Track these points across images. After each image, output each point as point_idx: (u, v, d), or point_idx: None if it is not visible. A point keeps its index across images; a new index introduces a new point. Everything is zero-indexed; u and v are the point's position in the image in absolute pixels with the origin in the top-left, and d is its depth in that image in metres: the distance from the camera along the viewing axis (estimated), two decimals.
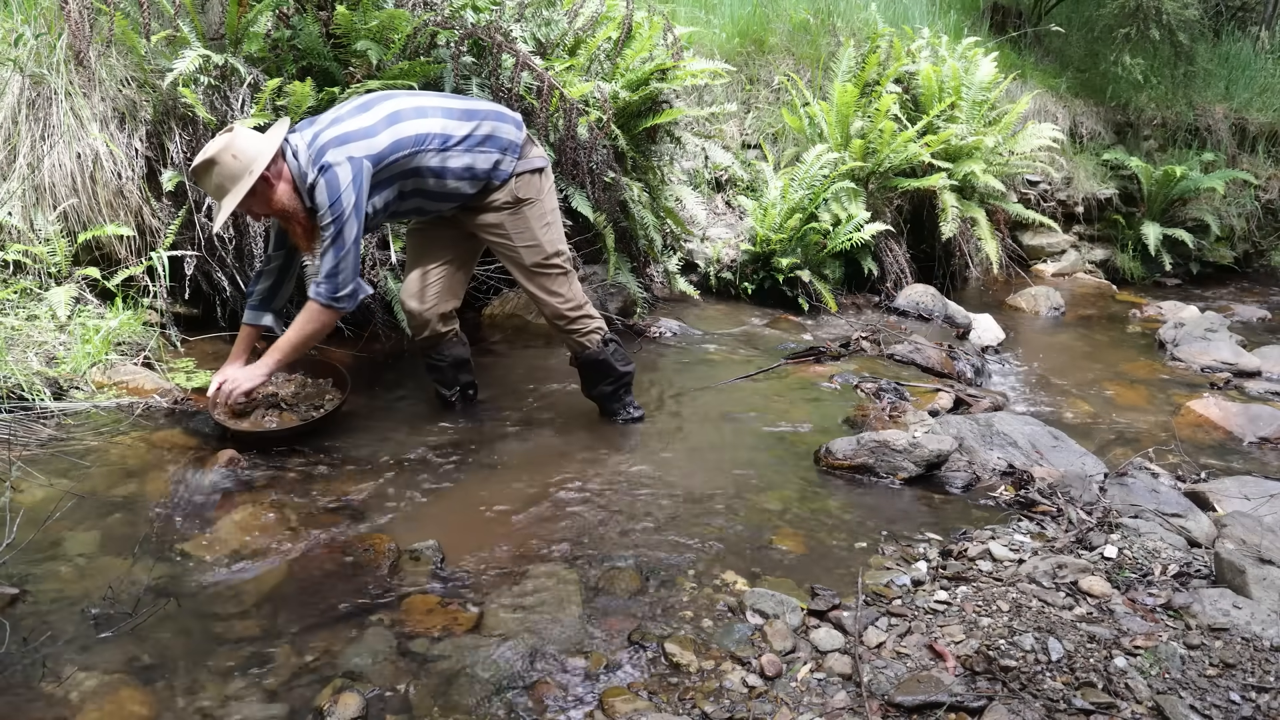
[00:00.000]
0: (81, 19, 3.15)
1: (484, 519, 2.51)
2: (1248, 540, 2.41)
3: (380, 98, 2.71)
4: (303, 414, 2.87)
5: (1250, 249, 8.09)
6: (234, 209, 2.54)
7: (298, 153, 2.56)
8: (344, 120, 2.61)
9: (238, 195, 2.49)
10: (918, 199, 5.87)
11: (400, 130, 2.63)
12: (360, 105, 2.67)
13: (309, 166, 2.54)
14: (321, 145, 2.55)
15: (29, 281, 3.09)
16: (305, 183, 2.56)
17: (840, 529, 2.58)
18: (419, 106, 2.70)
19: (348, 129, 2.58)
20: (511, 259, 2.92)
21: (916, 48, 6.16)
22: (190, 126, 3.34)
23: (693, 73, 4.23)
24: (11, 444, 2.49)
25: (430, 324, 3.01)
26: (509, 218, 2.84)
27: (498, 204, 2.82)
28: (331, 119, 2.63)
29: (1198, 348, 5.03)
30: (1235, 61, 8.45)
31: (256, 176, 2.49)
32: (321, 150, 2.54)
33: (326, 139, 2.56)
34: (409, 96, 2.75)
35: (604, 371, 3.12)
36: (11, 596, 1.92)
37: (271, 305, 2.83)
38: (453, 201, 2.81)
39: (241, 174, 2.49)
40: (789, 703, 1.83)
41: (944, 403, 3.71)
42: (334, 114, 2.66)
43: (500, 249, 2.91)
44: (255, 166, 2.50)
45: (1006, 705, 1.80)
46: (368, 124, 2.60)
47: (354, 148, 2.55)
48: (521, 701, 1.78)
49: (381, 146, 2.59)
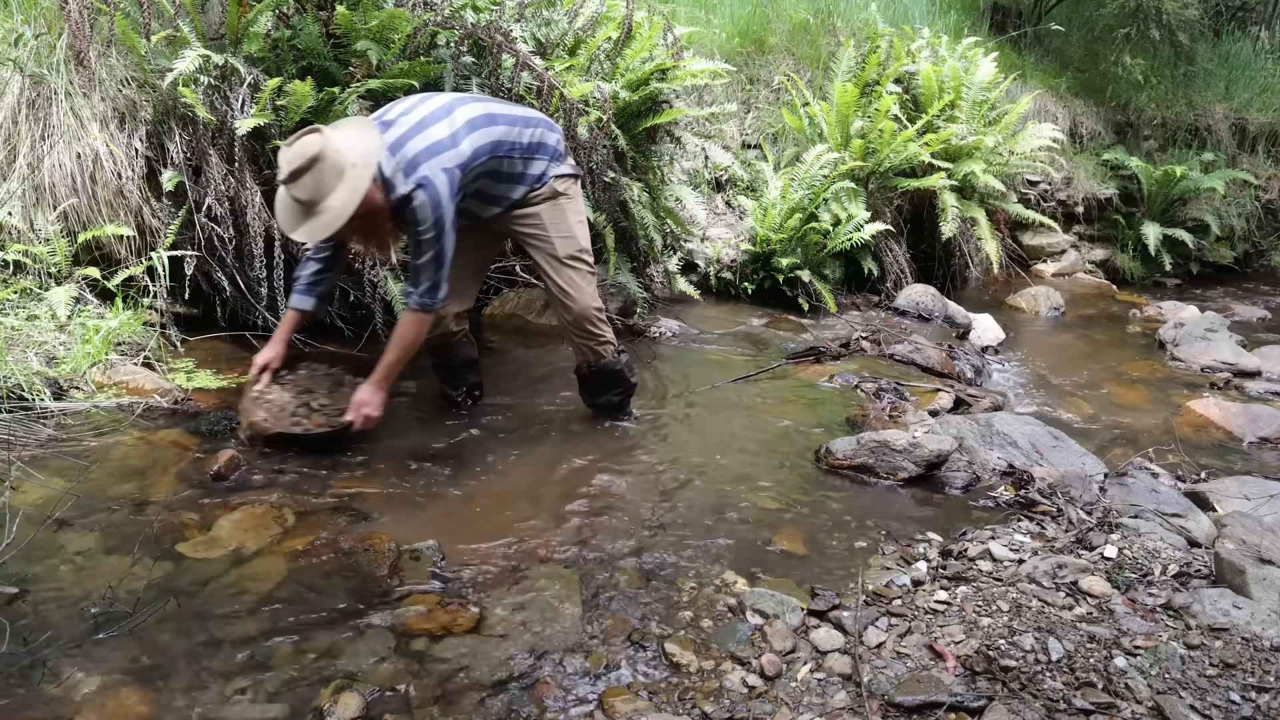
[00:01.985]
0: (81, 19, 3.15)
1: (484, 519, 2.51)
2: (1248, 540, 2.41)
3: (454, 101, 2.69)
4: (332, 418, 2.81)
5: (1250, 249, 8.09)
6: (352, 213, 2.43)
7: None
8: (427, 127, 2.57)
9: (355, 194, 2.40)
10: (918, 199, 5.87)
11: (479, 138, 2.64)
12: (436, 110, 2.63)
13: (396, 175, 2.50)
14: (413, 156, 2.51)
15: (29, 281, 3.09)
16: (394, 192, 2.51)
17: (840, 529, 2.58)
18: (489, 113, 2.72)
19: (435, 138, 2.55)
20: (545, 250, 2.90)
21: (916, 48, 6.16)
22: (190, 126, 3.34)
23: (693, 73, 4.23)
24: (11, 444, 2.49)
25: (443, 323, 3.02)
26: (546, 208, 2.87)
27: (538, 199, 2.85)
28: (413, 124, 2.57)
29: (1198, 348, 5.03)
30: (1235, 61, 8.45)
31: (372, 171, 2.41)
32: (414, 162, 2.51)
33: (416, 149, 2.52)
34: (476, 102, 2.75)
35: (615, 382, 3.12)
36: (11, 596, 1.92)
37: (318, 291, 2.80)
38: (499, 206, 2.83)
39: (345, 168, 2.39)
40: (789, 703, 1.83)
41: (944, 403, 3.71)
42: (411, 119, 2.59)
43: (534, 240, 2.90)
44: (368, 161, 2.41)
45: (1006, 705, 1.80)
46: (450, 131, 2.59)
47: (445, 158, 2.54)
48: (521, 701, 1.78)
49: (466, 155, 2.60)
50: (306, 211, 2.46)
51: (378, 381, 2.73)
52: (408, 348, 2.73)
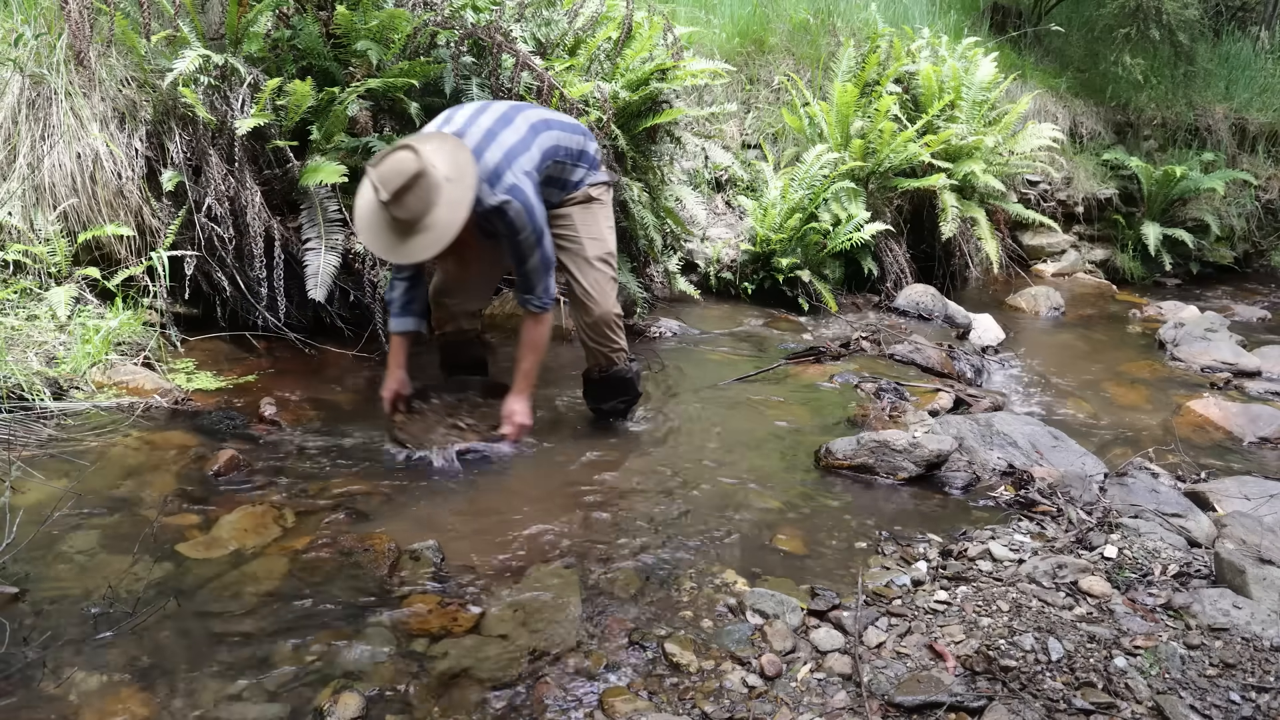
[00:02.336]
0: (81, 19, 3.15)
1: (484, 519, 2.51)
2: (1248, 540, 2.41)
3: (512, 109, 2.72)
4: (484, 433, 2.85)
5: (1250, 249, 8.09)
6: (460, 227, 2.42)
7: None
8: (498, 134, 2.59)
9: (461, 207, 2.40)
10: (918, 199, 5.87)
11: (543, 142, 2.69)
12: (500, 118, 2.65)
13: (481, 187, 2.50)
14: (494, 166, 2.52)
15: (29, 281, 3.09)
16: (482, 204, 2.51)
17: (840, 529, 2.58)
18: (545, 119, 2.77)
19: (508, 144, 2.58)
20: (574, 251, 2.91)
21: (916, 48, 6.16)
22: (190, 126, 3.34)
23: (693, 73, 4.23)
24: (11, 444, 2.49)
25: (457, 319, 3.03)
26: (579, 210, 2.89)
27: (572, 202, 2.88)
28: (484, 134, 2.57)
29: (1198, 348, 5.03)
30: (1235, 61, 8.45)
31: (474, 184, 2.41)
32: (496, 172, 2.52)
33: (495, 159, 2.53)
34: (531, 109, 2.79)
35: (623, 390, 3.14)
36: (11, 596, 1.92)
37: (414, 309, 2.82)
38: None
39: (441, 183, 2.38)
40: (789, 703, 1.83)
41: (944, 403, 3.71)
42: (479, 128, 2.59)
43: (563, 241, 2.90)
44: (464, 174, 2.40)
45: (1006, 705, 1.80)
46: (519, 136, 2.62)
47: (522, 162, 2.58)
48: (521, 701, 1.78)
49: (536, 159, 2.64)
50: (406, 231, 2.42)
51: (522, 390, 2.80)
52: (541, 350, 2.81)
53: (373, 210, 2.46)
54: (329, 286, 3.35)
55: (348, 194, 3.48)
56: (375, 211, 2.45)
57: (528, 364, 2.79)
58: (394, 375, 2.83)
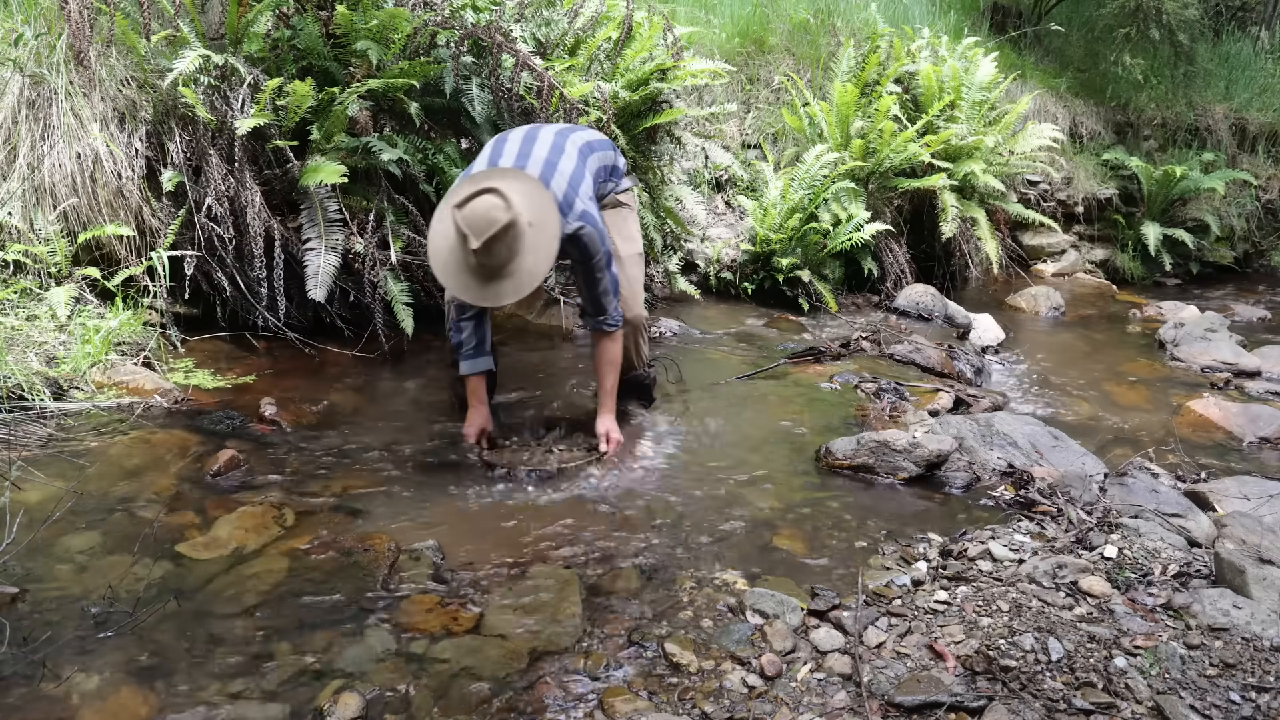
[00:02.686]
0: (81, 19, 3.15)
1: (484, 519, 2.51)
2: (1248, 540, 2.41)
3: (557, 134, 2.75)
4: (584, 449, 2.88)
5: (1250, 249, 8.09)
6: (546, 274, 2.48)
7: None
8: (556, 164, 2.62)
9: (548, 255, 2.43)
10: (918, 199, 5.87)
11: (591, 165, 2.78)
12: (553, 146, 2.68)
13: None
14: (563, 197, 2.56)
15: (29, 281, 3.09)
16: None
17: (840, 529, 2.58)
18: (588, 142, 2.84)
19: (568, 172, 2.62)
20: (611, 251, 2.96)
21: (916, 48, 6.16)
22: (190, 126, 3.34)
23: (693, 73, 4.23)
24: (11, 444, 2.49)
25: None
26: (609, 214, 2.95)
27: (603, 207, 2.93)
28: (544, 164, 2.60)
29: (1198, 348, 5.02)
30: (1235, 61, 8.45)
31: (557, 232, 2.44)
32: (566, 201, 2.56)
33: (561, 188, 2.57)
34: (574, 131, 2.84)
35: (641, 396, 3.21)
36: (11, 596, 1.92)
37: (486, 348, 2.84)
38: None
39: (525, 228, 2.40)
40: (789, 703, 1.83)
41: (944, 403, 3.71)
42: (538, 159, 2.61)
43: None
44: (545, 221, 2.43)
45: (1006, 705, 1.80)
46: (574, 163, 2.68)
47: (584, 188, 2.64)
48: (521, 701, 1.78)
49: (591, 185, 2.70)
50: (490, 276, 2.44)
51: (610, 409, 2.88)
52: (619, 366, 2.89)
53: (454, 252, 2.45)
54: (329, 286, 3.35)
55: (348, 194, 3.49)
56: (457, 254, 2.45)
57: (610, 382, 2.86)
58: (480, 413, 2.84)
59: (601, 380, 2.88)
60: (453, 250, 2.45)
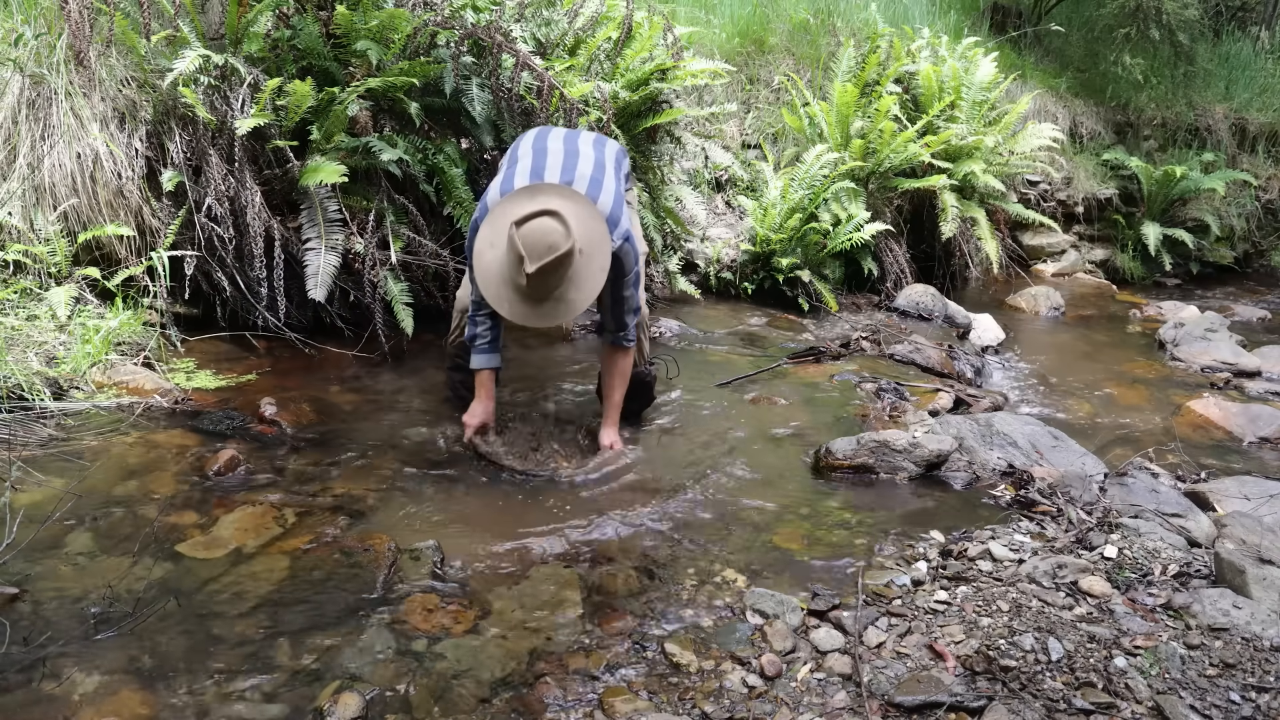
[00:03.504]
0: (81, 19, 3.15)
1: (484, 519, 2.51)
2: (1248, 540, 2.41)
3: (594, 147, 2.76)
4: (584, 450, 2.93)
5: (1250, 249, 8.09)
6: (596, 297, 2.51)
7: None
8: (601, 181, 2.63)
9: (596, 284, 2.46)
10: (918, 199, 5.87)
11: (621, 176, 2.80)
12: (596, 161, 2.69)
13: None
14: (609, 213, 2.57)
15: (29, 281, 3.09)
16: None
17: (840, 529, 2.58)
18: (615, 153, 2.85)
19: (611, 188, 2.64)
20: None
21: (916, 48, 6.16)
22: (190, 126, 3.34)
23: (693, 73, 4.23)
24: (11, 444, 2.49)
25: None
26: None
27: None
28: (590, 181, 2.60)
29: (1198, 348, 5.02)
30: (1235, 61, 8.44)
31: (608, 265, 2.47)
32: (613, 218, 2.57)
33: (608, 205, 2.58)
34: (605, 144, 2.85)
35: (642, 395, 3.19)
36: (11, 596, 1.93)
37: (499, 345, 2.85)
38: None
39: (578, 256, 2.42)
40: (789, 703, 1.83)
41: (944, 403, 3.71)
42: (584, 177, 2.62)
43: None
44: (601, 256, 2.46)
45: (1006, 705, 1.80)
46: (614, 179, 2.70)
47: (623, 206, 2.66)
48: (521, 701, 1.78)
49: (621, 191, 2.71)
50: (539, 298, 2.45)
51: (614, 421, 2.92)
52: (629, 379, 2.92)
53: (503, 266, 2.45)
54: (329, 286, 3.35)
55: (348, 194, 3.49)
56: (506, 270, 2.44)
57: (618, 395, 2.90)
58: (485, 406, 2.85)
59: (610, 393, 2.90)
60: (501, 264, 2.44)
